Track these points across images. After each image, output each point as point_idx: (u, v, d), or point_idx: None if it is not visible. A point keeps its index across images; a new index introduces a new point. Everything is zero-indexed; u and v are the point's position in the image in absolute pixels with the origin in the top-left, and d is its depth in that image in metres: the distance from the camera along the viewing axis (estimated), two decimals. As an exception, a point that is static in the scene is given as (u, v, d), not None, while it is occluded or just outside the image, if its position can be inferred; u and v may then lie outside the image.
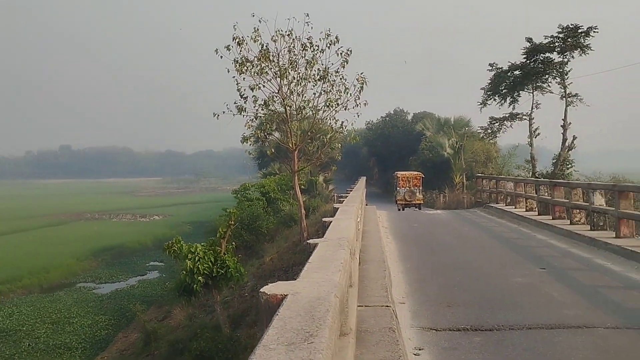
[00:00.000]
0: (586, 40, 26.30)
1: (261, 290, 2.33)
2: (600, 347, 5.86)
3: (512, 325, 6.71)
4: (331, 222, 5.95)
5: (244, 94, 17.93)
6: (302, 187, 30.60)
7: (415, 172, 30.20)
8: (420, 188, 29.02)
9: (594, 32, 26.00)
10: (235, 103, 17.92)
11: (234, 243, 17.76)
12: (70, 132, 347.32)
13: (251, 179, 55.90)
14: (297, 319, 1.88)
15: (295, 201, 27.75)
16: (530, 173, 28.76)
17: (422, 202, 28.77)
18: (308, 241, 4.29)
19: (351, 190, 19.20)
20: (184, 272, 14.91)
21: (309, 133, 20.19)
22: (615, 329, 6.42)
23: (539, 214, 18.75)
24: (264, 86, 17.92)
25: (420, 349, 5.99)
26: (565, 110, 26.87)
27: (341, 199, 14.76)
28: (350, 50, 17.75)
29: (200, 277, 14.70)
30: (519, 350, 5.88)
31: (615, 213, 12.36)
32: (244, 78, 17.63)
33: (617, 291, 8.35)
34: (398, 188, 28.81)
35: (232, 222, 17.27)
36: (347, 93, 18.08)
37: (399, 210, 27.76)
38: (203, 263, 14.91)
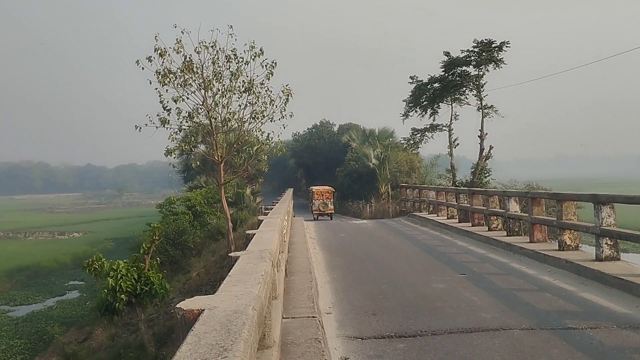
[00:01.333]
0: (499, 55, 27.69)
1: (177, 305, 2.29)
2: (516, 347, 6.13)
3: (434, 330, 6.90)
4: (254, 234, 5.93)
5: (167, 106, 17.55)
6: (230, 199, 30.26)
7: (328, 187, 33.19)
8: (332, 200, 32.24)
9: (507, 46, 27.42)
10: (158, 115, 17.51)
11: (158, 259, 17.32)
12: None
13: (177, 193, 54.75)
14: (212, 333, 1.86)
15: (222, 214, 27.39)
16: (451, 182, 29.83)
17: (333, 212, 32.07)
18: (230, 254, 4.25)
19: (277, 202, 19.18)
20: (106, 291, 14.37)
21: (234, 145, 20.01)
22: (530, 330, 6.73)
23: (459, 222, 19.44)
24: (187, 98, 17.62)
25: (346, 359, 6.04)
26: (482, 121, 28.14)
27: (267, 211, 14.71)
28: (275, 63, 17.79)
29: (123, 295, 14.21)
30: (440, 354, 6.06)
31: (529, 219, 13.02)
32: (167, 90, 17.27)
33: (531, 294, 8.77)
34: (314, 200, 31.87)
35: (157, 237, 16.83)
36: (273, 105, 18.10)
37: (315, 219, 30.26)
38: (126, 280, 14.43)
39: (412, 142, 33.49)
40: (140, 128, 17.48)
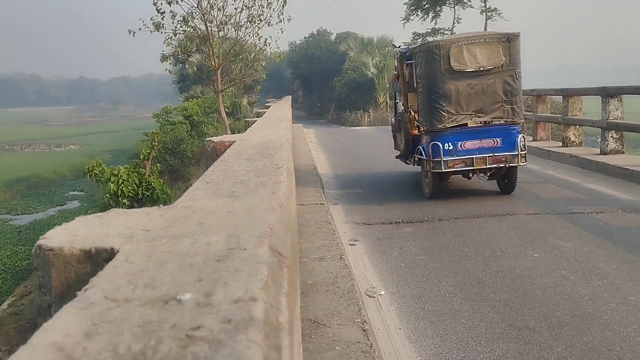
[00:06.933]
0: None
1: (207, 139, 2.21)
2: (523, 229, 6.22)
3: (440, 216, 6.98)
4: (266, 112, 5.83)
5: (160, 9, 16.92)
6: (226, 110, 29.86)
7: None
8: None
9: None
10: (152, 19, 16.93)
11: (159, 165, 17.30)
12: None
13: (172, 105, 54.01)
14: (250, 149, 1.78)
15: (220, 124, 27.17)
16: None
17: None
18: (246, 119, 4.16)
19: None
20: (108, 196, 14.42)
21: (231, 51, 19.51)
22: (535, 215, 6.82)
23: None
24: (182, 0, 16.96)
25: (355, 240, 6.13)
26: (485, 25, 27.30)
27: (268, 104, 14.55)
28: (273, -38, 16.99)
29: (125, 200, 14.26)
30: (449, 236, 6.15)
31: (533, 117, 12.90)
32: (160, -9, 16.58)
33: (536, 185, 8.83)
34: None
35: (156, 143, 16.73)
36: (270, 8, 17.48)
37: None
38: (127, 185, 14.45)
39: (412, 48, 32.68)
40: (134, 33, 16.95)
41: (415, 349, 3.69)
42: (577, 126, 11.26)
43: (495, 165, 7.70)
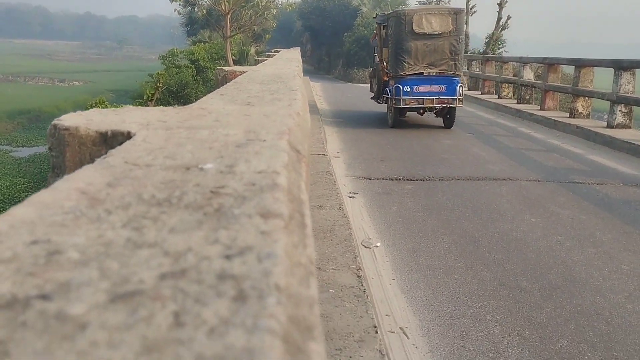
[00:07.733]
0: None
1: (218, 68, 2.18)
2: (523, 194, 6.23)
3: (441, 176, 6.98)
4: (278, 52, 5.75)
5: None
6: (234, 57, 29.54)
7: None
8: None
9: None
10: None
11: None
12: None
13: (178, 49, 53.38)
14: (263, 77, 1.75)
15: (226, 69, 26.87)
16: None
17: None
18: (257, 58, 4.11)
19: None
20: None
21: (242, -5, 19.20)
22: (536, 182, 6.82)
23: (468, 89, 19.10)
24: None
25: (355, 193, 6.15)
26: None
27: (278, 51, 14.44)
28: None
29: (127, 138, 14.28)
30: (448, 195, 6.16)
31: (543, 86, 12.75)
32: None
33: (539, 153, 8.81)
34: None
35: (160, 84, 16.61)
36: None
37: None
38: (130, 123, 14.43)
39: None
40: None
41: (406, 299, 3.75)
42: (586, 98, 11.14)
43: (439, 105, 10.42)
